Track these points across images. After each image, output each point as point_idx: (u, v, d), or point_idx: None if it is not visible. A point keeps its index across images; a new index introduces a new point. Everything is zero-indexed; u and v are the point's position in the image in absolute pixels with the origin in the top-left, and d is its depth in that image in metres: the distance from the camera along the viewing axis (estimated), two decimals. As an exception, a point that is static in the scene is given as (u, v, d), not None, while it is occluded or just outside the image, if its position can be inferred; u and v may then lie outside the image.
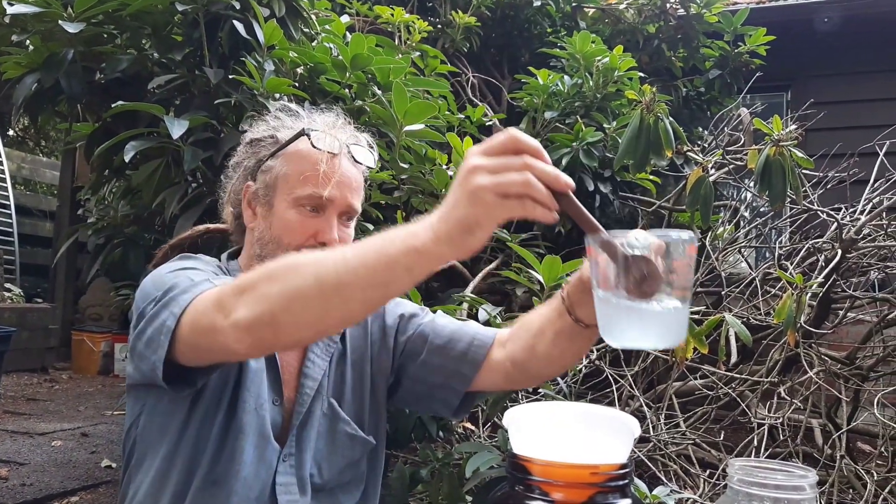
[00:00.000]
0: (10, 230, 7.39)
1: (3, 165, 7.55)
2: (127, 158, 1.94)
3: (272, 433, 1.22)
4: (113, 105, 2.04)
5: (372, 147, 1.33)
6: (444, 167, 2.09)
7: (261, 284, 0.95)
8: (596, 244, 0.86)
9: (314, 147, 1.23)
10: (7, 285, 6.76)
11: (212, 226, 1.51)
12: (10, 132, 9.59)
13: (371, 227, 2.23)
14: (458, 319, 1.45)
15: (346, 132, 1.29)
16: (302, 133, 1.25)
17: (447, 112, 2.48)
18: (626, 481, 0.68)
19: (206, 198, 2.01)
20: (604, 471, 0.66)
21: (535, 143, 0.83)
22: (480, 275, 3.00)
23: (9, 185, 7.55)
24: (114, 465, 3.62)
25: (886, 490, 2.22)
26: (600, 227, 0.86)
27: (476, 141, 2.17)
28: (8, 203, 7.43)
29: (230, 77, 2.07)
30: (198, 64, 2.18)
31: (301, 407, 1.25)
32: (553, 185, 0.83)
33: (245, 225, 1.31)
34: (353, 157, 1.27)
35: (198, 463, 1.17)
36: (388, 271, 0.87)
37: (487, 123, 2.88)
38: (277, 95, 2.06)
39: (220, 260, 1.34)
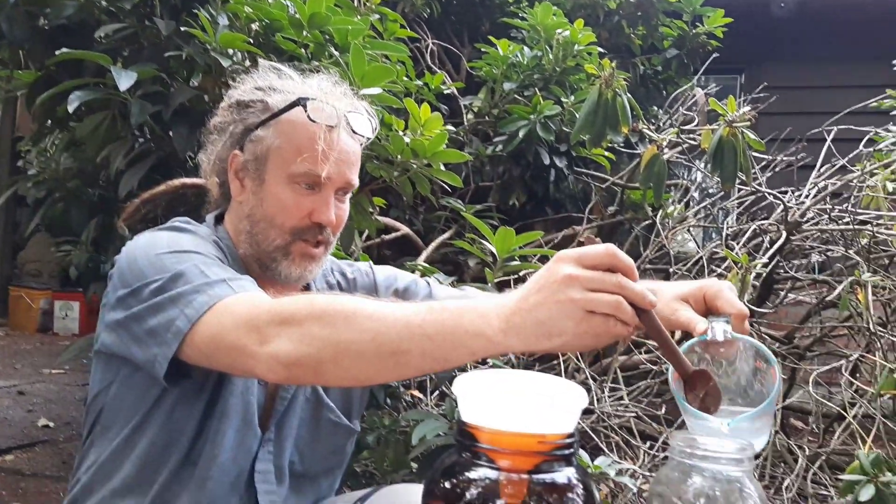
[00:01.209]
0: (-55, 180, 7.12)
1: (-63, 112, 7.24)
2: (71, 109, 1.87)
3: (256, 416, 1.17)
4: (57, 52, 1.96)
5: (371, 115, 1.24)
6: (401, 133, 2.06)
7: (308, 323, 0.90)
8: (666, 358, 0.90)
9: (310, 119, 1.15)
10: (-59, 238, 6.52)
11: (188, 181, 1.41)
12: (-53, 78, 9.17)
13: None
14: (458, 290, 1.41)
15: (344, 100, 1.21)
16: (297, 103, 1.16)
17: (405, 78, 2.44)
18: (572, 450, 0.68)
19: (153, 154, 1.96)
20: (551, 440, 0.66)
21: (629, 261, 0.83)
22: (433, 244, 2.99)
23: (-56, 133, 7.25)
24: (51, 424, 3.55)
25: (816, 465, 2.30)
26: (672, 341, 0.89)
27: (434, 109, 2.15)
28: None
29: (182, 29, 2.00)
30: (148, 14, 2.10)
31: (286, 392, 1.20)
32: (639, 304, 0.83)
33: (231, 196, 1.23)
34: (351, 127, 1.18)
35: (175, 441, 1.12)
36: (452, 350, 0.85)
37: (446, 91, 2.85)
38: (231, 51, 2.00)
39: (206, 222, 1.26)
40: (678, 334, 1.00)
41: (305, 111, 1.15)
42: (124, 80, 1.84)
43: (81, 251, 2.56)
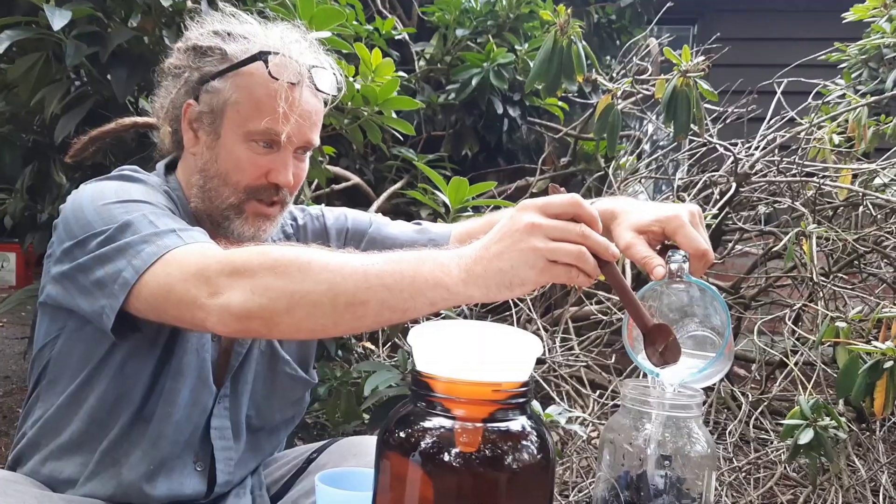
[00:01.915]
0: None
1: None
2: (0, 49, 1.77)
3: (211, 372, 1.14)
4: (-16, -12, 1.85)
5: (337, 71, 1.17)
6: (351, 79, 2.01)
7: (261, 274, 0.86)
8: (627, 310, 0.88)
9: (271, 76, 1.08)
10: None
11: (140, 120, 1.35)
12: None
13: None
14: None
15: (309, 54, 1.14)
16: (258, 57, 1.09)
17: (355, 22, 2.38)
18: (527, 399, 0.68)
19: (90, 97, 1.87)
20: (505, 388, 0.67)
21: (593, 212, 0.81)
22: (385, 194, 2.96)
23: None
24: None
25: (758, 410, 2.38)
26: (633, 295, 0.87)
27: (385, 55, 2.10)
28: None
29: (119, -34, 1.90)
30: (83, -51, 1.98)
31: (241, 347, 1.17)
32: (602, 256, 0.81)
33: (184, 146, 1.17)
34: (315, 85, 1.12)
35: (126, 397, 1.09)
36: (411, 300, 0.82)
37: (396, 37, 2.79)
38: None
39: (157, 170, 1.21)
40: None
41: (266, 67, 1.09)
42: (58, 19, 1.74)
43: (16, 200, 2.45)
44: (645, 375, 0.88)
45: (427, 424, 0.66)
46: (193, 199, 1.16)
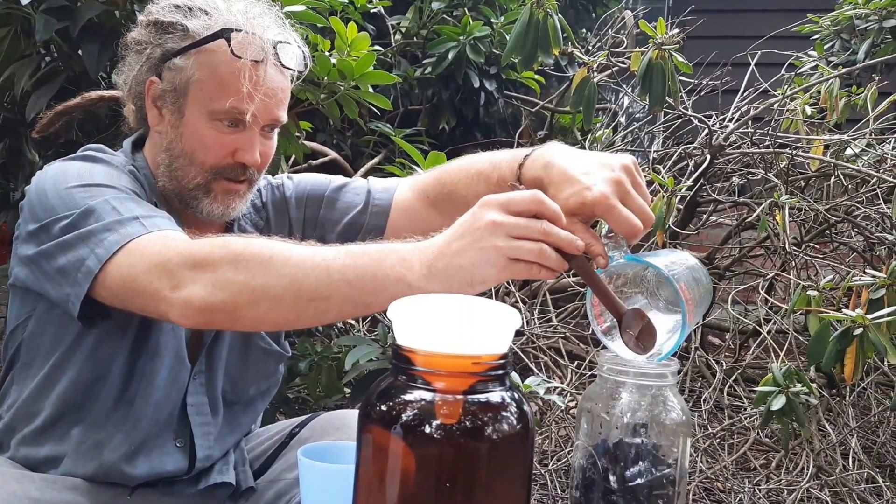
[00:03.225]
0: None
1: None
2: (-33, 24, 1.74)
3: (186, 349, 1.14)
4: (-53, -39, 1.80)
5: (302, 46, 1.15)
6: (327, 53, 1.99)
7: (223, 267, 0.86)
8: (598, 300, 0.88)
9: (234, 55, 1.06)
10: None
11: (106, 93, 1.33)
12: None
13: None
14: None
15: (274, 29, 1.11)
16: (220, 35, 1.07)
17: (331, -5, 2.34)
18: (506, 371, 0.69)
19: (61, 73, 1.84)
20: (485, 360, 0.67)
21: (555, 207, 0.81)
22: (363, 169, 2.95)
23: None
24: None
25: (732, 378, 2.42)
26: (604, 283, 0.87)
27: (361, 29, 2.08)
28: None
29: (88, -62, 1.86)
30: (49, -80, 1.94)
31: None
32: (566, 251, 0.82)
33: (150, 124, 1.15)
34: (280, 61, 1.10)
35: (104, 380, 1.09)
36: (373, 296, 0.83)
37: (372, 10, 2.76)
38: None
39: (123, 147, 1.20)
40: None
41: (229, 44, 1.07)
42: (26, -8, 1.71)
43: (-12, 178, 2.42)
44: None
45: (408, 397, 0.66)
46: (161, 178, 1.15)
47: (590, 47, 3.50)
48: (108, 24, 1.89)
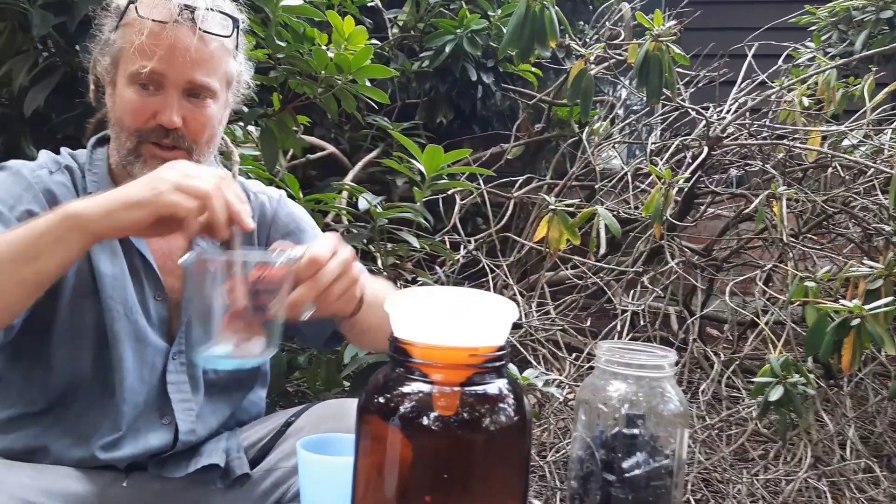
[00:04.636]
0: None
1: None
2: (-37, 20, 1.73)
3: (158, 332, 1.17)
4: (-57, -44, 1.80)
5: (227, 14, 1.17)
6: (324, 48, 1.99)
7: None
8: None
9: (139, 16, 1.11)
10: None
11: None
12: None
13: (246, 109, 2.12)
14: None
15: None
16: (130, 3, 1.12)
17: (327, -11, 2.34)
18: (503, 363, 0.70)
19: (59, 68, 1.84)
20: (482, 353, 0.68)
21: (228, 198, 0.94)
22: (360, 163, 2.95)
23: None
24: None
25: (730, 370, 2.43)
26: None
27: (358, 23, 2.08)
28: None
29: (83, -68, 1.85)
30: (45, -86, 1.93)
31: (187, 303, 1.18)
32: (234, 218, 0.92)
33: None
34: (196, 24, 1.12)
35: (77, 375, 1.13)
36: (36, 241, 0.90)
37: (369, 4, 2.76)
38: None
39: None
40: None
41: (138, 8, 1.12)
42: (22, -13, 1.71)
43: (-14, 174, 2.41)
44: (619, 334, 0.90)
45: (406, 389, 0.67)
46: (114, 158, 1.20)
47: (587, 40, 3.50)
48: (104, 19, 1.89)
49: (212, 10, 1.14)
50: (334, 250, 0.98)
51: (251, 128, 2.24)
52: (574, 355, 2.45)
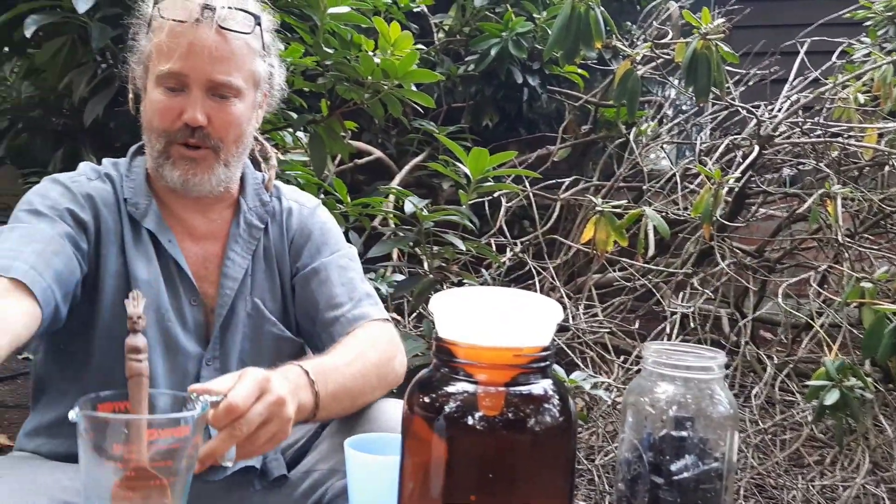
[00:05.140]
0: None
1: None
2: (28, 34, 1.79)
3: (194, 337, 1.19)
4: (9, -26, 1.87)
5: (248, 11, 1.17)
6: (371, 53, 2.02)
7: None
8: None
9: (162, 18, 1.13)
10: None
11: None
12: None
13: (295, 115, 2.16)
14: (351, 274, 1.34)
15: None
16: (156, 2, 1.15)
17: (373, -4, 2.37)
18: (548, 363, 0.70)
19: (116, 79, 1.89)
20: (526, 353, 0.68)
21: None
22: (407, 167, 2.98)
23: None
24: (31, 357, 3.55)
25: (784, 373, 2.38)
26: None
27: (404, 28, 2.10)
28: None
29: (138, -52, 1.91)
30: (102, -68, 2.00)
31: (222, 309, 1.21)
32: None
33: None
34: (216, 22, 1.13)
35: (113, 379, 1.13)
36: None
37: (415, 10, 2.78)
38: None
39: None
40: None
41: (160, 11, 1.14)
42: (82, 2, 1.76)
43: (48, 183, 2.50)
44: (669, 336, 0.89)
45: (450, 389, 0.67)
46: (148, 165, 1.22)
47: (634, 40, 3.47)
48: (159, 31, 1.94)
49: (232, 8, 1.15)
50: (261, 391, 0.93)
51: (300, 133, 2.28)
52: (622, 358, 2.43)
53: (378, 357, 1.19)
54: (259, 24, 1.18)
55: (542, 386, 0.69)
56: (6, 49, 2.13)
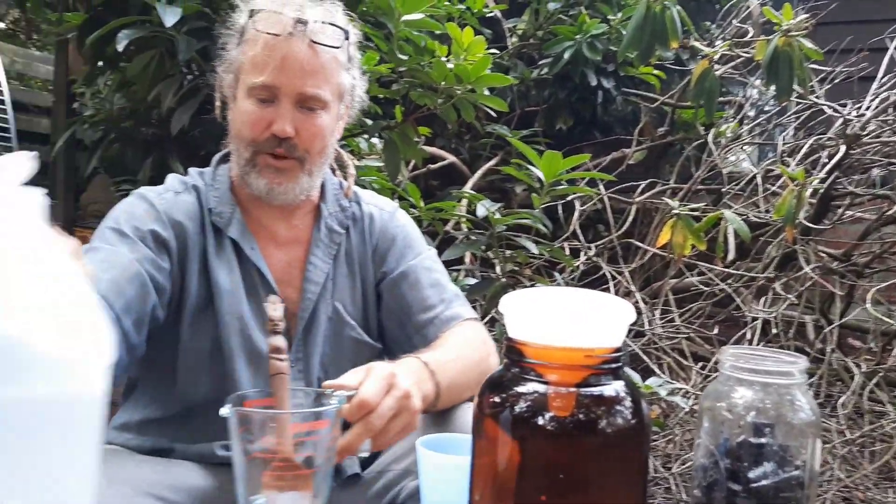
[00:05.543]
0: (7, 126, 7.29)
1: (-5, 59, 7.40)
2: (120, 48, 1.89)
3: None
4: (101, -9, 1.98)
5: (339, 24, 1.20)
6: (444, 59, 2.04)
7: None
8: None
9: (256, 30, 1.16)
10: (7, 183, 6.75)
11: None
12: (1, 24, 9.33)
13: (370, 121, 2.20)
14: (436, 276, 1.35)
15: (306, 9, 1.19)
16: (250, 15, 1.18)
17: (447, 3, 2.40)
18: (620, 364, 0.69)
19: (202, 90, 1.97)
20: (598, 354, 0.67)
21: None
22: (480, 171, 2.99)
23: (3, 79, 7.39)
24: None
25: (873, 382, 2.28)
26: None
27: (477, 33, 2.11)
28: (3, 98, 7.30)
29: (222, -37, 1.99)
30: (188, -51, 2.08)
31: (304, 312, 1.24)
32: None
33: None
34: (308, 37, 1.16)
35: (196, 385, 1.19)
36: None
37: (489, 14, 2.79)
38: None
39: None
40: None
41: (255, 24, 1.17)
42: (169, 15, 1.85)
43: (139, 190, 2.61)
44: (750, 342, 0.87)
45: (521, 390, 0.67)
46: (234, 173, 1.26)
47: (713, 39, 3.39)
48: (241, 42, 2.02)
49: (323, 22, 1.18)
50: (389, 386, 0.97)
51: (375, 140, 2.32)
52: (700, 364, 2.37)
53: (478, 355, 1.22)
54: (347, 38, 1.22)
55: (613, 387, 0.68)
56: (100, 63, 2.24)
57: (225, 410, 0.86)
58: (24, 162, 0.60)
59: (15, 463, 0.50)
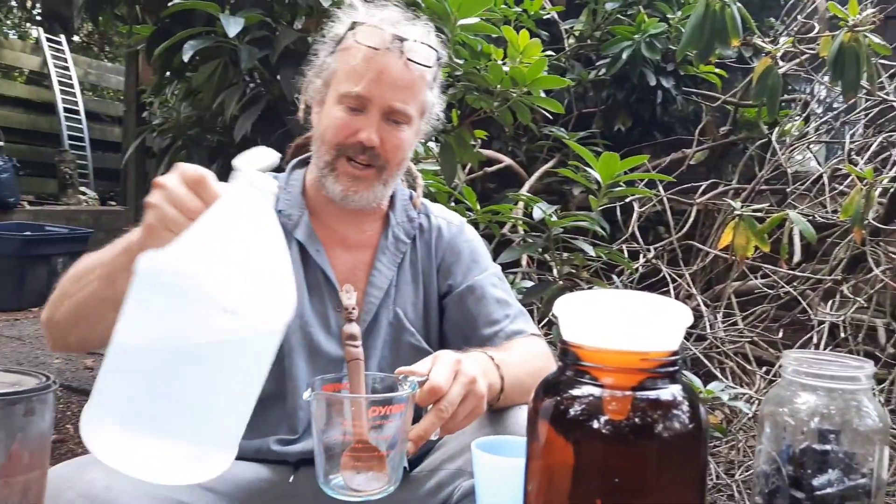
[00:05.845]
0: (82, 135, 7.60)
1: (70, 71, 7.70)
2: (186, 58, 1.96)
3: (337, 342, 1.23)
4: (169, 4, 2.05)
5: (432, 46, 1.25)
6: (500, 63, 2.04)
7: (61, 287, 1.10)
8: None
9: (357, 42, 1.20)
10: (82, 189, 7.06)
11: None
12: (76, 38, 9.72)
13: (429, 127, 2.22)
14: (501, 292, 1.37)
15: (402, 27, 1.23)
16: (351, 27, 1.22)
17: (503, 6, 2.40)
18: (677, 367, 0.68)
19: (263, 97, 2.03)
20: (654, 357, 0.67)
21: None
22: (536, 174, 2.98)
23: (77, 90, 7.70)
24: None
25: (950, 388, 2.19)
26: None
27: (534, 35, 2.11)
28: (78, 108, 7.61)
29: (283, -27, 2.04)
30: (250, -39, 2.14)
31: (367, 315, 1.26)
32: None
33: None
34: (405, 54, 1.20)
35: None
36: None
37: (545, 17, 2.79)
38: (331, -9, 2.03)
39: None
40: None
41: (355, 35, 1.21)
42: (232, 26, 1.91)
43: (204, 196, 2.68)
44: (817, 347, 0.85)
45: (576, 392, 0.67)
46: (311, 175, 1.29)
47: (777, 36, 3.31)
48: (302, 50, 2.05)
49: (419, 42, 1.22)
50: (455, 371, 0.99)
51: (431, 144, 2.34)
52: (765, 369, 2.32)
53: (541, 363, 1.23)
54: (439, 59, 1.26)
55: (670, 391, 0.67)
56: (168, 73, 2.32)
57: (307, 394, 0.91)
58: (268, 155, 0.85)
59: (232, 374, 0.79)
